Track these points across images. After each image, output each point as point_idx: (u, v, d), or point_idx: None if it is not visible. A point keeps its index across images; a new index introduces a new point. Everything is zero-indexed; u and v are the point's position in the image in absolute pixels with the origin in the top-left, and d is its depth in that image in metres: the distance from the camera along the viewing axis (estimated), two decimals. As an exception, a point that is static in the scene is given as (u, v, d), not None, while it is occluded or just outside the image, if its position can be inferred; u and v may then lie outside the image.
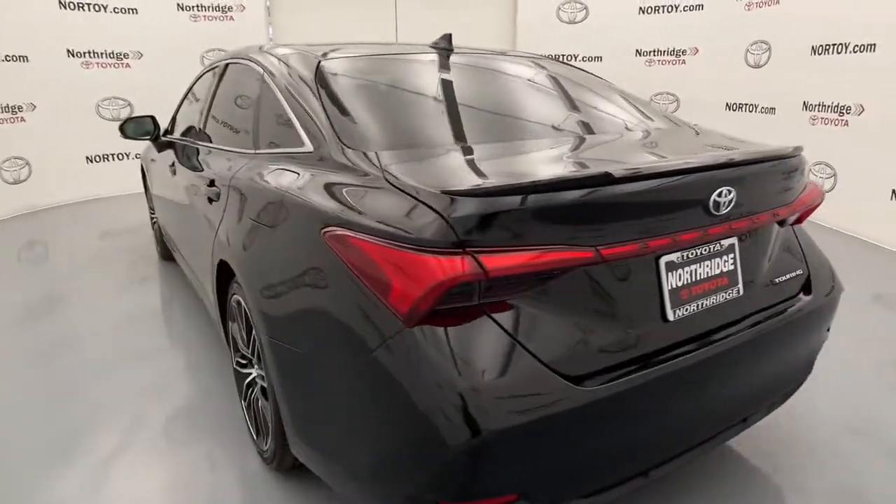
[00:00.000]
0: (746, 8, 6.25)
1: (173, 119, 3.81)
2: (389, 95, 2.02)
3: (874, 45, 4.66)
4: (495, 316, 1.31)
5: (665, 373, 1.43)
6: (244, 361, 2.21)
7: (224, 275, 2.21)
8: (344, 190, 1.51)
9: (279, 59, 2.19)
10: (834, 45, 5.07)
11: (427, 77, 2.25)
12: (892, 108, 4.56)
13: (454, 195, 1.27)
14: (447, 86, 2.18)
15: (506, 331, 1.30)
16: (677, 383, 1.48)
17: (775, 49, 5.92)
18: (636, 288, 1.47)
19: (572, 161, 1.70)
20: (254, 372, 2.12)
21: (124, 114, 6.91)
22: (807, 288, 1.87)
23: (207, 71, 3.27)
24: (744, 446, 2.22)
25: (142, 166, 4.57)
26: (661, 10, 7.15)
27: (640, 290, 1.48)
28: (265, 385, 1.93)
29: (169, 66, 6.94)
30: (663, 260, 1.49)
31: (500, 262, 1.25)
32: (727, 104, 6.59)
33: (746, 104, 6.34)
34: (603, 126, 2.12)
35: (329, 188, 1.55)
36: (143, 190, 4.82)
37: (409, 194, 1.35)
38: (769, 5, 5.94)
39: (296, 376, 1.64)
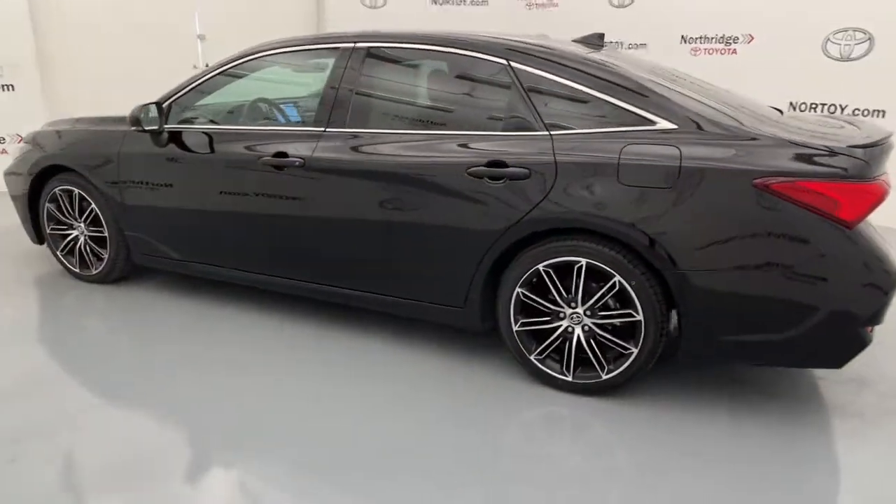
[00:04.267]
0: (527, 7, 7.79)
1: (169, 107, 3.26)
2: (665, 83, 2.56)
3: (645, 44, 6.65)
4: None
5: None
6: (546, 318, 2.55)
7: (514, 248, 2.52)
8: (763, 152, 2.20)
9: (550, 53, 2.58)
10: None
11: (662, 67, 2.90)
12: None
13: (862, 148, 2.17)
14: (675, 73, 2.87)
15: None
16: None
17: (555, 42, 7.61)
18: None
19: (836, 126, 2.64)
20: (565, 323, 2.51)
21: None
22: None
23: (262, 54, 3.15)
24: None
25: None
26: (450, 2, 8.20)
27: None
28: (625, 322, 2.43)
29: None
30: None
31: (887, 184, 2.21)
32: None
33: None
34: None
35: (751, 151, 2.22)
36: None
37: (821, 149, 2.17)
38: (546, 7, 7.58)
39: (724, 293, 2.27)
